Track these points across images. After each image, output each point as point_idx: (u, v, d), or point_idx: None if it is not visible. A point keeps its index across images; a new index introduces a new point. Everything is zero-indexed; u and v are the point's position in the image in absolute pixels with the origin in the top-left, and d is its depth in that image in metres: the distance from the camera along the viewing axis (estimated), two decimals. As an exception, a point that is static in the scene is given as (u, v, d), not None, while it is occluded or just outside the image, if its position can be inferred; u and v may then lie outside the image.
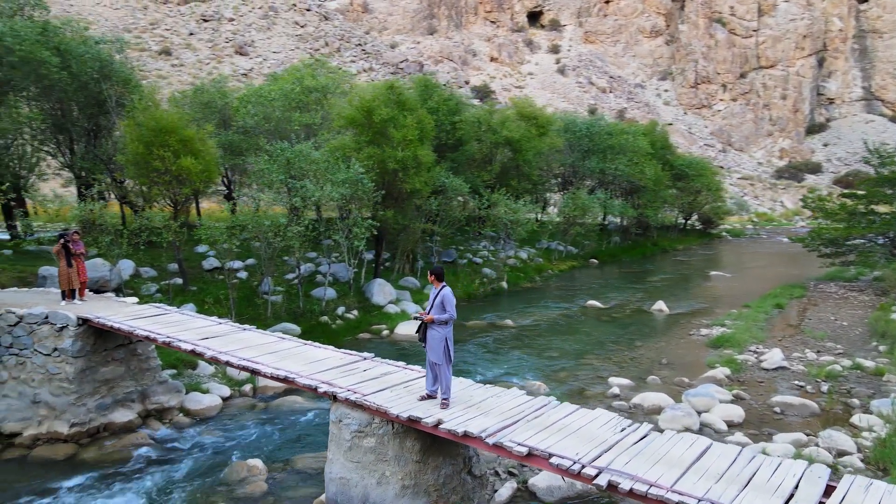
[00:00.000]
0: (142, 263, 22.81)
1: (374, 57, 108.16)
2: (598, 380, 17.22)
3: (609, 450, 6.67)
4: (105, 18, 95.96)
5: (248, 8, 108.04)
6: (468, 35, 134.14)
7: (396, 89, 24.62)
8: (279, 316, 21.04)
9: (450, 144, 32.02)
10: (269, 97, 27.46)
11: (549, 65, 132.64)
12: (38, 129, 25.23)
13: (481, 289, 29.77)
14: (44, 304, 13.44)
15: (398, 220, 24.34)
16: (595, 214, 41.90)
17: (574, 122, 46.93)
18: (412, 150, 23.21)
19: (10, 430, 12.62)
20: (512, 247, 37.49)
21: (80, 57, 24.03)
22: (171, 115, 20.38)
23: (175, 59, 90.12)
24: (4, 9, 23.42)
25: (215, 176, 21.36)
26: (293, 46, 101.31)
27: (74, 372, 12.54)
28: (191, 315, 13.18)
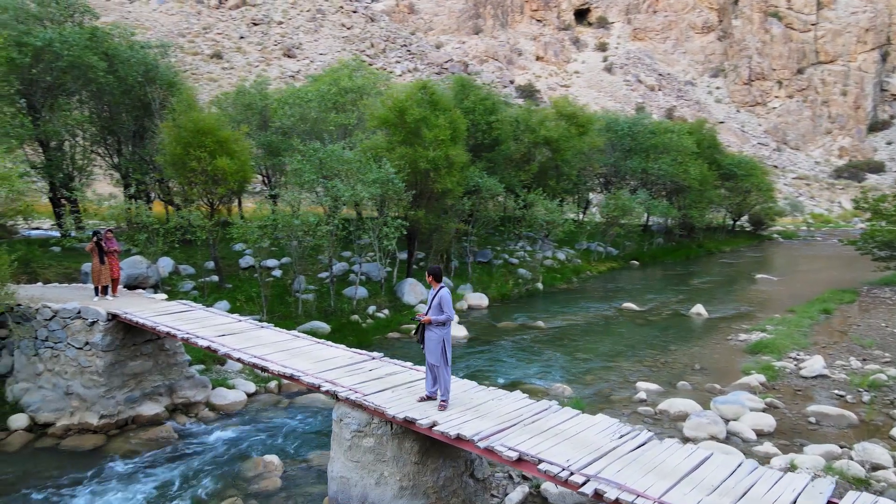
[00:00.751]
0: (180, 261, 23.51)
1: (418, 57, 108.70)
2: (626, 384, 16.86)
3: (603, 457, 6.49)
4: (161, 24, 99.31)
5: (297, 11, 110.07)
6: (514, 34, 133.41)
7: (429, 89, 24.64)
8: (310, 314, 21.33)
9: (486, 144, 31.86)
10: (306, 98, 27.89)
11: (596, 63, 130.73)
12: (88, 132, 26.29)
13: (515, 289, 29.53)
14: (78, 299, 13.97)
15: (429, 220, 24.35)
16: (636, 215, 41.01)
17: (616, 121, 46.10)
18: (444, 150, 23.19)
19: (45, 420, 13.15)
20: (550, 247, 37.10)
21: (126, 61, 24.91)
22: (207, 117, 20.90)
23: (226, 62, 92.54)
24: (55, 15, 24.42)
25: (250, 176, 21.80)
26: (339, 48, 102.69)
27: (104, 365, 12.98)
28: (214, 312, 13.49)
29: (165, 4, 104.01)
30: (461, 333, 21.68)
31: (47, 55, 21.99)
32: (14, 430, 12.84)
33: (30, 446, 12.56)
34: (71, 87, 24.06)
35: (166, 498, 10.69)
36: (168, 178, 22.09)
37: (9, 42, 21.40)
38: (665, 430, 13.64)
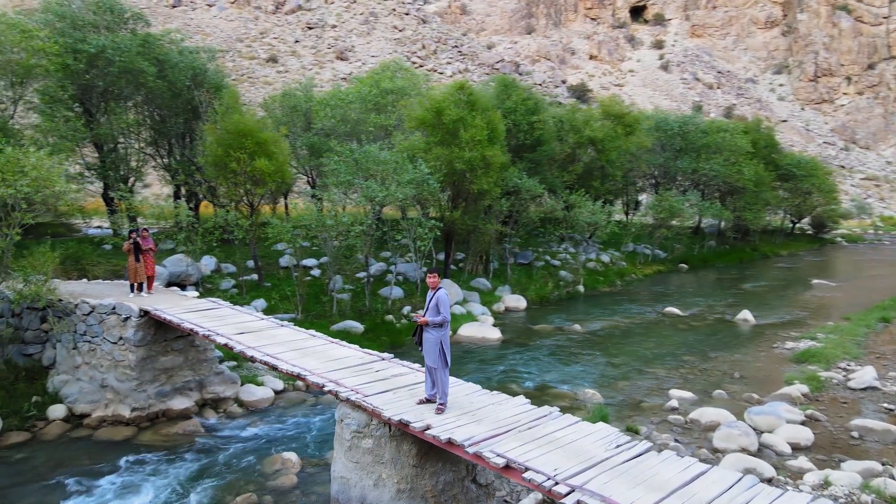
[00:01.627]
0: (223, 260, 24.16)
1: (469, 58, 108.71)
2: (659, 391, 16.36)
3: (593, 467, 6.28)
4: (220, 30, 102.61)
5: (350, 14, 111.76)
6: (567, 33, 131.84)
7: (466, 89, 24.56)
8: (344, 313, 21.55)
9: (527, 144, 31.54)
10: (346, 100, 28.24)
11: (652, 61, 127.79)
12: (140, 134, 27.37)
13: (555, 292, 29.12)
14: (115, 295, 14.51)
15: (465, 221, 24.26)
16: (686, 217, 39.84)
17: (665, 121, 44.90)
18: (480, 151, 23.06)
19: (81, 410, 13.70)
20: (593, 249, 36.45)
21: (175, 66, 25.79)
22: (248, 119, 21.40)
23: (281, 65, 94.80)
24: (109, 23, 25.49)
25: (288, 177, 22.23)
26: (391, 50, 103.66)
27: (136, 360, 13.44)
28: (238, 310, 13.78)
29: (225, 11, 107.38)
30: (494, 335, 21.51)
31: (100, 61, 22.97)
32: (52, 420, 13.43)
33: (66, 436, 13.10)
34: (123, 92, 25.07)
35: (186, 491, 10.96)
36: (210, 178, 22.71)
37: (65, 49, 22.46)
38: (694, 440, 13.17)
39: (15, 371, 14.41)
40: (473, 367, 18.32)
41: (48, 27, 23.83)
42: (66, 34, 23.15)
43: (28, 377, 14.48)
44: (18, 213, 13.01)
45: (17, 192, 12.77)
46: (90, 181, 26.22)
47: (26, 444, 12.66)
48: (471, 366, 18.48)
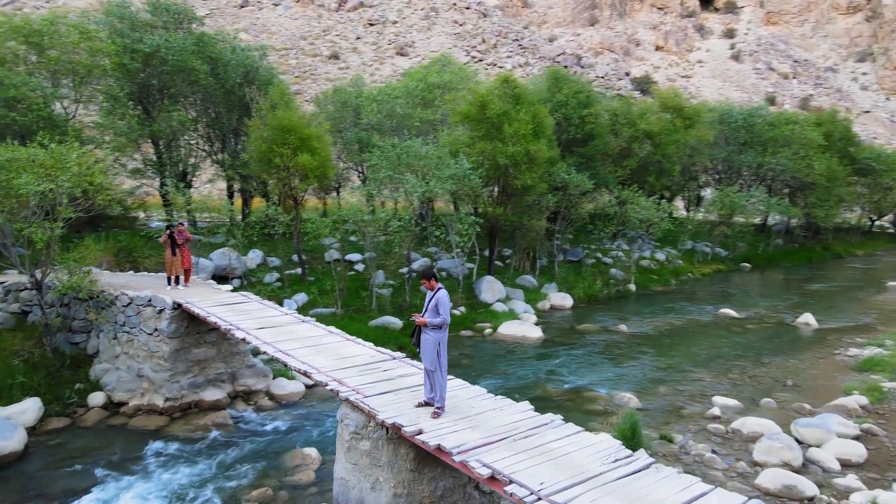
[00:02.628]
0: (269, 254, 24.59)
1: (530, 52, 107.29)
2: (702, 398, 15.55)
3: (584, 482, 5.87)
4: (285, 28, 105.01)
5: (411, 10, 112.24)
6: (632, 24, 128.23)
7: (511, 83, 24.06)
8: (384, 309, 21.53)
9: (579, 139, 30.72)
10: (393, 95, 28.20)
11: (722, 51, 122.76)
12: (195, 131, 28.17)
13: (605, 290, 28.26)
14: (153, 288, 14.90)
15: (508, 217, 23.82)
16: (748, 213, 37.96)
17: (729, 113, 42.85)
18: (524, 145, 22.55)
19: (119, 399, 14.15)
20: (648, 247, 35.25)
21: (227, 64, 26.38)
22: (291, 115, 21.60)
23: (342, 62, 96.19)
24: (167, 23, 26.30)
25: (330, 172, 22.33)
26: (451, 45, 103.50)
27: (170, 351, 13.76)
28: (266, 305, 13.89)
29: (290, 9, 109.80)
30: (535, 334, 21.03)
31: (155, 60, 23.72)
32: (92, 407, 13.92)
33: (103, 423, 13.55)
34: (178, 90, 25.83)
35: (206, 481, 11.11)
36: (254, 174, 23.12)
37: (122, 49, 23.31)
38: (733, 451, 12.41)
39: (61, 358, 15.02)
40: (509, 367, 17.94)
41: (108, 28, 24.81)
42: (124, 35, 24.01)
43: (73, 365, 15.07)
44: (61, 207, 13.49)
45: (60, 187, 13.25)
46: (151, 176, 27.25)
47: (66, 430, 13.16)
48: (507, 365, 18.11)
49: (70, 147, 14.01)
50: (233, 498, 10.54)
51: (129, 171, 25.63)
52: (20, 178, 12.74)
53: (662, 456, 12.04)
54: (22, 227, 13.27)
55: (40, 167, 13.30)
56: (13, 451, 11.55)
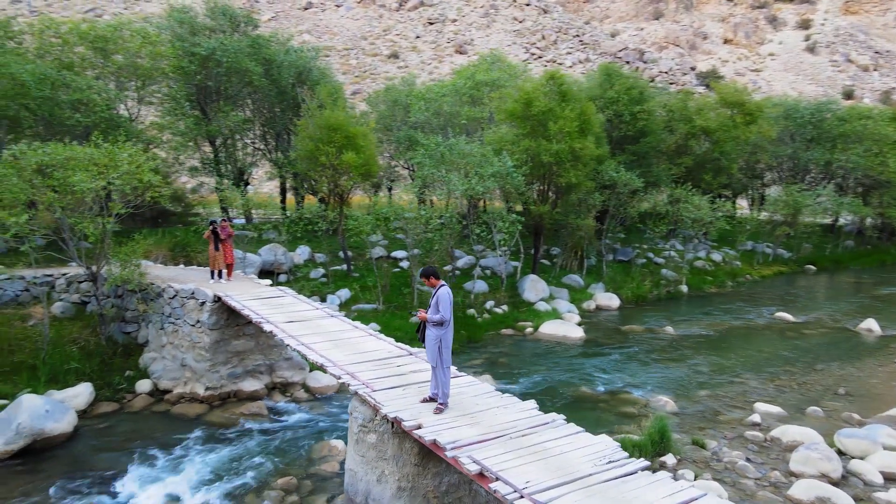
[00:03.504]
0: (317, 250, 25.18)
1: (591, 47, 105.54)
2: (744, 404, 15.00)
3: (571, 482, 5.81)
4: (346, 28, 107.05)
5: (471, 8, 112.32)
6: (699, 17, 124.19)
7: (557, 80, 23.79)
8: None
9: (630, 136, 30.08)
10: (440, 93, 28.35)
11: (796, 43, 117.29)
12: (252, 131, 29.17)
13: (654, 291, 27.57)
14: (197, 281, 15.55)
15: (552, 216, 23.58)
16: (815, 213, 36.23)
17: (795, 108, 40.94)
18: (568, 143, 22.27)
19: (164, 386, 14.85)
20: (704, 247, 34.17)
21: (280, 65, 27.17)
22: (338, 114, 22.05)
23: (401, 61, 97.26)
24: (224, 27, 27.31)
25: (374, 169, 22.68)
26: (510, 42, 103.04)
27: (210, 342, 14.34)
28: (300, 299, 14.27)
29: (352, 10, 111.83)
30: (576, 334, 20.76)
31: (211, 63, 24.67)
32: (139, 394, 14.68)
33: (148, 409, 14.27)
34: (233, 91, 26.80)
35: (236, 468, 11.54)
36: (301, 171, 23.72)
37: (181, 52, 24.37)
38: (770, 460, 11.94)
39: (114, 347, 15.90)
40: (547, 367, 17.79)
41: (169, 32, 25.98)
42: (183, 39, 25.09)
43: (124, 353, 15.92)
44: (112, 203, 14.26)
45: (111, 185, 14.02)
46: (209, 175, 28.36)
47: (114, 414, 13.92)
48: (545, 365, 17.96)
49: (122, 146, 14.78)
50: (260, 484, 10.92)
51: (187, 170, 26.75)
52: (75, 175, 13.55)
53: (692, 462, 11.72)
54: (77, 221, 14.10)
55: (94, 165, 14.10)
56: (63, 433, 12.31)
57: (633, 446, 11.68)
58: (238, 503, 10.36)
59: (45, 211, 14.36)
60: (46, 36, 22.42)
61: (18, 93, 18.51)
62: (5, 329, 15.88)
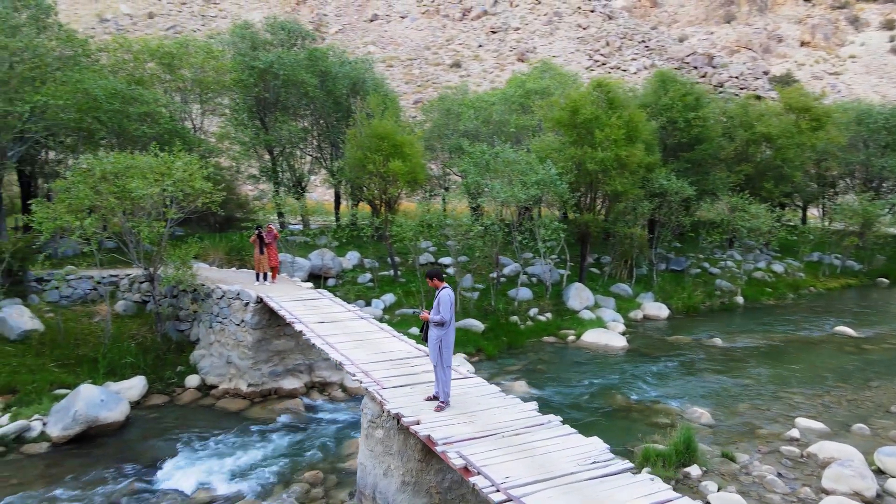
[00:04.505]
0: (366, 255, 25.87)
1: (657, 53, 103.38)
2: (785, 419, 14.52)
3: (549, 480, 5.96)
4: (410, 39, 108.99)
5: (534, 16, 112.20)
6: (774, 19, 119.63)
7: (605, 87, 23.67)
8: (468, 311, 21.97)
9: (684, 143, 29.50)
10: (490, 101, 28.63)
11: (880, 44, 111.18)
12: (309, 140, 30.32)
13: (707, 302, 26.84)
14: (242, 283, 16.39)
15: (598, 224, 23.43)
16: (892, 223, 34.38)
17: (868, 113, 38.94)
18: (614, 151, 22.13)
19: (211, 382, 15.72)
20: (766, 257, 32.99)
21: (335, 77, 28.17)
22: (385, 123, 22.70)
23: (463, 70, 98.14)
24: (283, 41, 28.58)
25: (421, 177, 23.19)
26: (573, 49, 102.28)
27: (253, 341, 15.10)
28: (335, 302, 14.84)
29: (416, 21, 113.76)
30: (619, 343, 20.55)
31: (268, 75, 25.87)
32: (188, 388, 15.59)
33: (195, 403, 15.14)
34: (290, 102, 27.97)
35: (269, 459, 12.17)
36: (349, 179, 24.48)
37: (241, 66, 25.68)
38: (803, 476, 11.58)
39: (168, 343, 16.94)
40: (584, 375, 17.73)
41: (233, 47, 27.42)
42: (243, 53, 26.43)
43: (177, 349, 16.93)
44: (166, 208, 15.28)
45: (165, 191, 15.02)
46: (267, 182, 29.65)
47: (163, 406, 14.86)
48: (582, 373, 17.90)
49: (177, 156, 15.80)
50: (288, 477, 11.46)
51: (246, 178, 28.06)
52: (133, 182, 14.61)
53: (719, 474, 11.51)
54: (135, 225, 15.17)
55: (151, 173, 15.16)
56: (115, 421, 13.25)
57: (656, 456, 11.60)
58: (266, 494, 10.92)
59: (109, 215, 15.53)
60: (120, 53, 24.10)
61: (91, 106, 20.01)
62: (73, 324, 17.21)
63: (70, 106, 19.38)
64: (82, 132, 20.73)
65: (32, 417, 13.04)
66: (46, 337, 16.25)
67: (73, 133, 20.94)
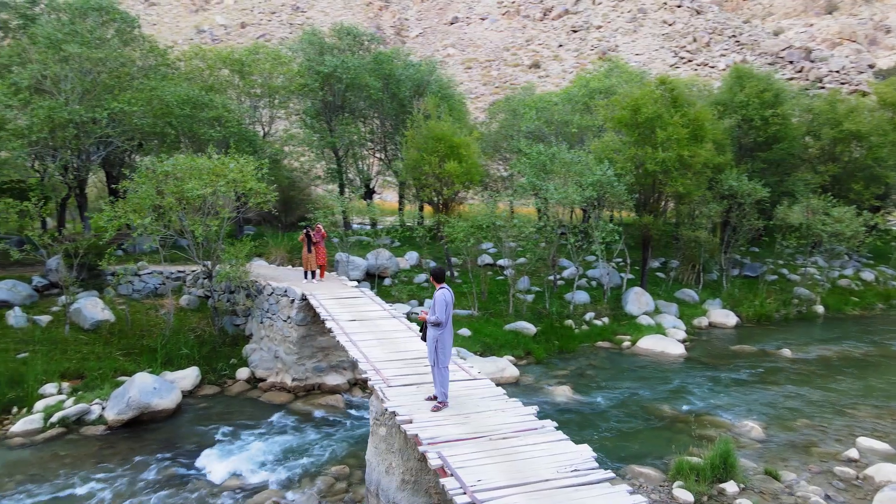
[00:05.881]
0: (425, 255, 26.11)
1: (749, 48, 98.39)
2: (846, 438, 13.51)
3: (522, 485, 5.80)
4: (490, 41, 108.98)
5: (617, 13, 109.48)
6: (882, 8, 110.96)
7: (668, 84, 22.78)
8: (520, 314, 21.75)
9: (761, 142, 27.95)
10: (552, 102, 28.19)
11: None
12: (372, 142, 30.97)
13: (781, 310, 25.27)
14: (291, 281, 16.94)
15: (660, 227, 22.59)
16: None
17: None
18: (676, 151, 21.27)
19: (260, 375, 16.34)
20: (856, 264, 30.72)
21: (399, 79, 28.62)
22: (441, 125, 22.85)
23: (542, 70, 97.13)
24: (350, 45, 29.32)
25: (476, 178, 23.16)
26: (657, 46, 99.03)
27: (297, 337, 15.57)
28: (373, 300, 15.05)
29: (496, 22, 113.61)
30: (676, 351, 19.74)
31: (332, 79, 26.61)
32: (238, 380, 16.29)
33: (243, 394, 15.78)
34: (354, 105, 28.65)
35: (303, 450, 12.54)
36: (404, 179, 24.76)
37: (307, 71, 26.56)
38: (853, 500, 10.75)
39: (224, 337, 17.75)
40: (634, 382, 17.16)
41: (302, 53, 28.40)
42: (310, 58, 27.32)
43: (232, 342, 17.72)
44: (220, 207, 16.04)
45: (219, 191, 15.77)
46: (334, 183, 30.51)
47: (214, 396, 15.58)
48: (632, 380, 17.33)
49: (232, 157, 16.56)
50: (315, 470, 11.76)
51: (312, 179, 28.99)
52: (189, 183, 15.43)
53: (758, 493, 10.85)
54: (191, 223, 16.02)
55: (207, 174, 15.95)
56: (166, 408, 14.02)
57: (689, 469, 11.08)
58: (291, 485, 11.24)
59: (170, 214, 16.48)
60: (195, 62, 25.51)
61: (165, 112, 21.27)
62: (140, 316, 18.38)
63: (146, 112, 20.71)
64: (156, 136, 22.06)
65: (93, 401, 14.01)
66: (116, 327, 17.44)
67: (148, 137, 22.32)
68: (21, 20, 23.47)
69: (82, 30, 21.32)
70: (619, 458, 12.29)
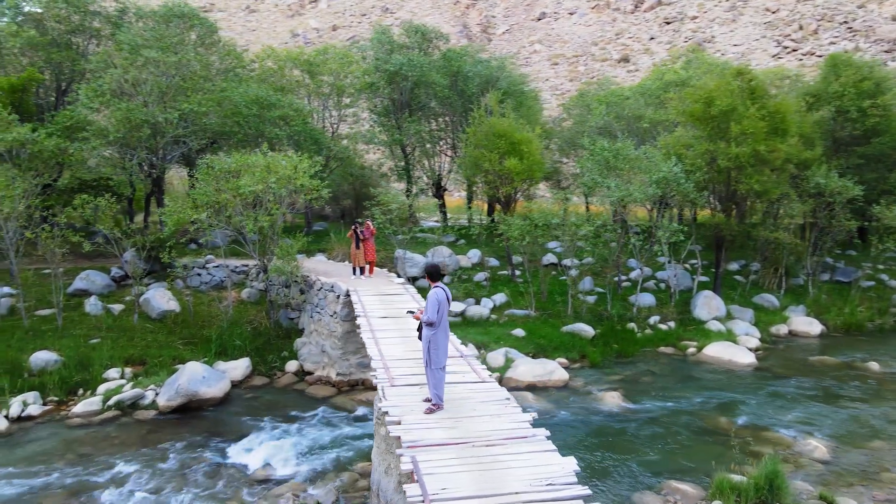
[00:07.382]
0: (487, 254, 25.78)
1: (862, 35, 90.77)
2: (925, 464, 12.06)
3: (488, 497, 5.47)
4: (578, 36, 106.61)
5: (714, 2, 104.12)
6: None
7: (746, 75, 21.28)
8: (579, 315, 21.03)
9: (857, 135, 25.64)
10: (623, 96, 27.06)
11: None
12: (441, 139, 30.96)
13: (875, 319, 23.07)
14: (340, 276, 17.15)
15: (732, 226, 21.18)
16: None
17: None
18: (752, 145, 19.85)
19: (308, 368, 16.66)
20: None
21: (467, 76, 28.42)
22: (503, 121, 22.47)
23: (632, 65, 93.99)
24: (419, 43, 29.42)
25: (538, 175, 22.59)
26: (758, 36, 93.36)
27: (342, 332, 15.74)
28: (413, 297, 14.93)
29: (584, 16, 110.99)
30: (745, 360, 18.42)
31: (398, 77, 26.79)
32: (287, 372, 16.69)
33: (291, 386, 16.15)
34: (421, 103, 28.73)
35: (336, 444, 12.65)
36: (465, 176, 24.53)
37: (375, 69, 26.89)
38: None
39: (278, 329, 18.26)
40: (693, 391, 16.17)
41: (373, 52, 28.81)
42: (378, 57, 27.64)
43: (286, 335, 18.18)
44: (272, 203, 16.47)
45: (270, 188, 16.20)
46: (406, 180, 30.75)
47: (262, 387, 16.04)
48: (689, 389, 16.33)
49: (284, 155, 16.96)
50: (342, 465, 11.81)
51: (380, 177, 29.35)
52: (242, 180, 15.95)
53: (807, 520, 9.86)
54: (246, 217, 16.54)
55: (261, 171, 16.43)
56: (214, 397, 14.55)
57: (730, 488, 10.23)
58: (317, 479, 11.33)
59: (228, 210, 17.11)
60: (268, 63, 26.43)
61: (234, 112, 22.15)
62: (204, 307, 19.23)
63: (216, 112, 21.64)
64: (226, 135, 23.00)
65: (148, 387, 14.75)
66: (179, 317, 18.34)
67: (219, 136, 23.32)
68: (112, 29, 25.12)
69: (164, 36, 22.55)
70: (657, 471, 11.57)
